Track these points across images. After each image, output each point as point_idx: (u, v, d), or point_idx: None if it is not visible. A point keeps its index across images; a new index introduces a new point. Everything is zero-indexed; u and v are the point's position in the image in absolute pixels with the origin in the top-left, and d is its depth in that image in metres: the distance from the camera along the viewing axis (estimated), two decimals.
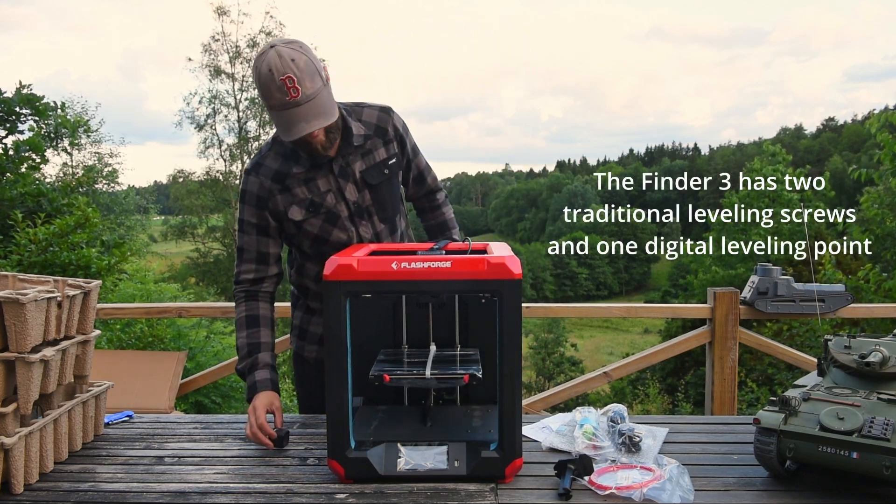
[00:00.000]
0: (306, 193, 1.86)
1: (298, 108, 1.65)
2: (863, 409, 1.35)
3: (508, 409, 1.42)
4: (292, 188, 1.86)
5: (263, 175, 1.86)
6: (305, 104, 1.66)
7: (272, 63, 1.63)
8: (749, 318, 3.56)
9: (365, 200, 1.90)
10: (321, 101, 1.68)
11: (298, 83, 1.63)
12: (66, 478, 1.50)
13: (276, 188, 1.85)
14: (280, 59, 1.63)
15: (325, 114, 1.70)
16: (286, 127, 1.68)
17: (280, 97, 1.64)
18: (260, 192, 1.86)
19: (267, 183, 1.86)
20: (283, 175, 1.86)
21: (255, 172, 1.87)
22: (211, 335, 7.33)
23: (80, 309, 1.66)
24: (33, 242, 5.67)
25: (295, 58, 1.65)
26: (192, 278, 25.74)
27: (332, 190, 1.87)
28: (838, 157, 51.59)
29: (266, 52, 1.66)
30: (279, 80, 1.62)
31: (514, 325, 1.40)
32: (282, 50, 1.65)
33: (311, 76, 1.66)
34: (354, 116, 1.90)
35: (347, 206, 1.88)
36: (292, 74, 1.63)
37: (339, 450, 1.43)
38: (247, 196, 1.88)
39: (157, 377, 3.81)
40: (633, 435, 1.59)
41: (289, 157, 1.86)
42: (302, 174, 1.85)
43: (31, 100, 7.52)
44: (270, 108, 1.70)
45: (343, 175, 1.87)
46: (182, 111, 27.36)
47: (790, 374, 10.65)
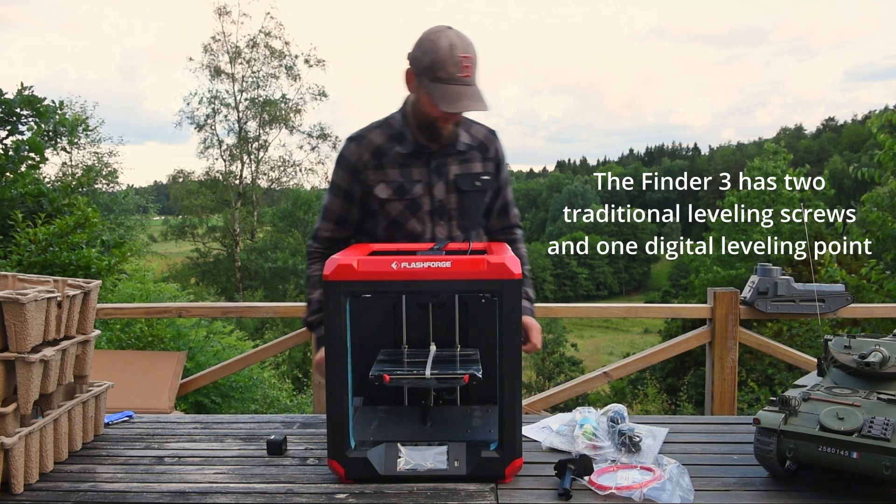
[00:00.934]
0: (398, 176, 1.93)
1: (467, 87, 1.77)
2: (863, 409, 1.35)
3: (508, 409, 1.42)
4: (386, 167, 1.93)
5: (364, 147, 1.94)
6: (472, 87, 1.79)
7: (453, 40, 1.77)
8: (749, 318, 3.56)
9: (450, 202, 1.95)
10: (480, 91, 1.81)
11: (472, 66, 1.78)
12: (66, 478, 1.50)
13: (371, 162, 1.93)
14: (461, 39, 1.78)
15: (484, 102, 1.80)
16: (451, 99, 1.77)
17: (454, 71, 1.75)
18: (356, 162, 1.94)
19: (365, 155, 1.93)
20: (381, 153, 1.93)
21: (357, 142, 1.95)
22: (211, 335, 7.33)
23: (80, 309, 1.66)
24: (33, 242, 5.67)
25: (470, 44, 1.80)
26: (193, 278, 25.74)
27: (423, 182, 1.93)
28: (838, 157, 51.58)
29: (443, 30, 1.79)
30: (458, 56, 1.75)
31: (514, 325, 1.40)
32: (461, 33, 1.80)
33: (476, 67, 1.80)
34: (464, 126, 1.98)
35: (432, 202, 1.94)
36: (471, 56, 1.78)
37: (339, 450, 1.43)
38: (343, 161, 1.96)
39: (157, 377, 3.81)
40: (634, 435, 1.59)
41: (392, 139, 1.93)
42: (399, 157, 1.92)
43: (32, 101, 7.52)
44: (436, 80, 1.77)
45: (437, 172, 1.94)
46: (182, 111, 27.35)
47: (790, 373, 10.65)
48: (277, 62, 26.43)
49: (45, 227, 5.85)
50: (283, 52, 26.33)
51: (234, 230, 26.37)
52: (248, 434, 1.78)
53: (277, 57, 26.34)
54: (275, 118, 26.65)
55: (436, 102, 1.79)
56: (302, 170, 27.77)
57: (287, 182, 28.04)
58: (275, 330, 17.24)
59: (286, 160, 27.60)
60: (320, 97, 26.98)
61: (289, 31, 55.14)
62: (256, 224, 27.65)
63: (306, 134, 27.39)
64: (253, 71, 26.44)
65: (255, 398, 7.38)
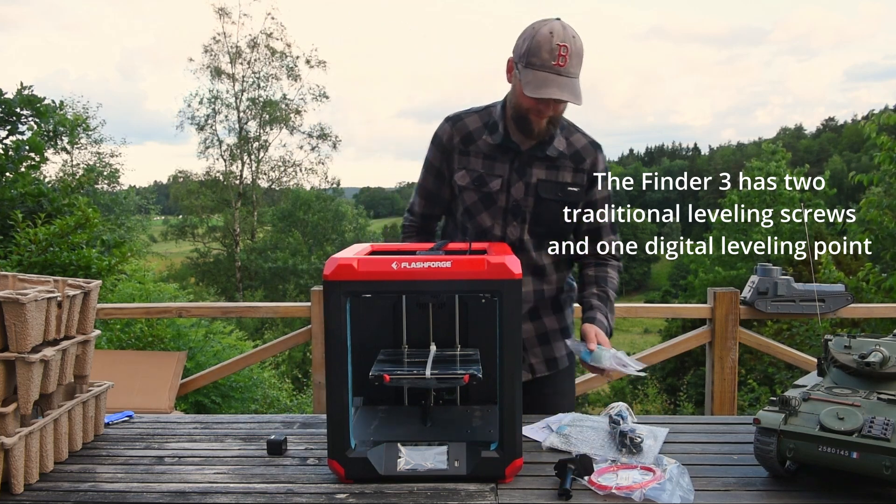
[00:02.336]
0: (480, 167, 1.91)
1: (558, 76, 1.72)
2: (863, 409, 1.35)
3: (508, 409, 1.42)
4: (471, 154, 1.91)
5: (456, 129, 1.94)
6: (565, 77, 1.72)
7: (555, 29, 1.73)
8: (749, 318, 3.56)
9: (527, 205, 1.91)
10: (575, 84, 1.75)
11: (569, 56, 1.71)
12: (66, 478, 1.50)
13: (459, 146, 1.93)
14: (564, 30, 1.73)
15: (576, 95, 1.75)
16: (538, 84, 1.72)
17: (547, 58, 1.71)
18: (447, 142, 1.95)
19: (456, 138, 1.93)
20: (471, 139, 1.92)
21: (452, 123, 1.96)
22: (210, 335, 7.33)
23: (80, 309, 1.66)
24: (33, 242, 5.67)
25: (575, 36, 1.75)
26: (192, 278, 25.74)
27: (503, 177, 1.89)
28: (838, 157, 51.57)
29: (549, 20, 1.76)
30: (555, 44, 1.70)
31: (514, 325, 1.40)
32: (567, 25, 1.75)
33: (578, 59, 1.75)
34: (565, 133, 1.94)
35: (507, 200, 1.90)
36: (569, 46, 1.72)
37: (339, 450, 1.43)
38: (436, 139, 1.97)
39: (157, 377, 3.81)
40: (635, 436, 1.59)
41: (486, 126, 1.92)
42: (486, 147, 1.90)
43: (31, 101, 7.53)
44: (529, 66, 1.73)
45: (519, 172, 1.90)
46: (182, 112, 27.34)
47: (790, 373, 10.65)
48: (278, 62, 26.45)
49: (45, 228, 5.85)
50: (284, 53, 26.35)
51: (234, 230, 26.38)
52: (248, 434, 1.78)
53: (278, 57, 26.36)
54: (275, 118, 26.66)
55: (523, 87, 1.75)
56: (302, 170, 27.80)
57: (287, 182, 28.07)
58: (275, 330, 17.25)
59: (286, 160, 27.62)
60: (321, 98, 27.00)
61: (290, 32, 55.14)
62: (256, 224, 27.66)
63: (306, 134, 27.41)
64: (254, 71, 26.46)
65: (255, 398, 7.38)
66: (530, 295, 2.00)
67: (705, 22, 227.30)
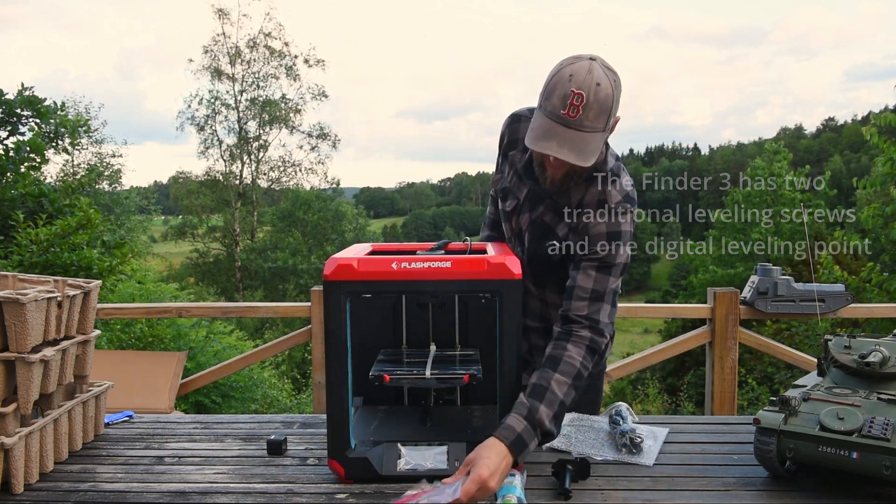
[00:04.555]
0: (509, 182, 1.81)
1: (565, 128, 1.48)
2: (863, 409, 1.35)
3: (508, 409, 1.41)
4: (510, 159, 1.82)
5: (510, 130, 1.82)
6: (574, 130, 1.48)
7: (576, 71, 1.48)
8: (749, 318, 3.56)
9: (524, 239, 1.77)
10: (587, 141, 1.49)
11: (584, 107, 1.47)
12: (66, 478, 1.50)
13: (505, 148, 1.84)
14: (588, 74, 1.48)
15: (579, 153, 1.49)
16: (536, 134, 1.52)
17: (557, 105, 1.48)
18: (500, 139, 1.86)
19: (506, 139, 1.83)
20: (515, 145, 1.79)
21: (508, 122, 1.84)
22: (211, 335, 7.32)
23: (80, 309, 1.66)
24: (34, 243, 5.67)
25: (601, 83, 1.48)
26: (192, 278, 25.74)
27: (518, 201, 1.78)
28: (838, 157, 51.56)
29: (583, 59, 1.51)
30: (569, 90, 1.46)
31: (514, 325, 1.40)
32: (597, 69, 1.49)
33: (599, 111, 1.49)
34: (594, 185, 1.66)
35: (515, 225, 1.80)
36: (585, 95, 1.46)
37: (339, 450, 1.43)
38: (501, 136, 1.87)
39: (157, 377, 3.81)
40: (635, 436, 1.59)
41: None
42: (520, 162, 1.76)
43: (32, 102, 7.53)
44: (540, 108, 1.53)
45: (530, 204, 1.74)
46: (182, 112, 27.33)
47: (789, 373, 10.64)
48: (277, 62, 26.45)
49: (46, 228, 5.84)
50: (283, 53, 26.35)
51: (234, 230, 26.37)
52: (248, 434, 1.78)
53: (277, 57, 26.36)
54: (275, 118, 26.66)
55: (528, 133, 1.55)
56: (302, 170, 27.79)
57: (287, 182, 28.06)
58: (275, 330, 17.24)
59: (286, 160, 27.62)
60: (320, 97, 27.01)
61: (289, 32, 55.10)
62: (256, 224, 27.66)
63: (306, 134, 27.41)
64: (253, 71, 26.46)
65: (255, 398, 7.38)
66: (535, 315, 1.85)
67: (705, 22, 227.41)
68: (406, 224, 68.48)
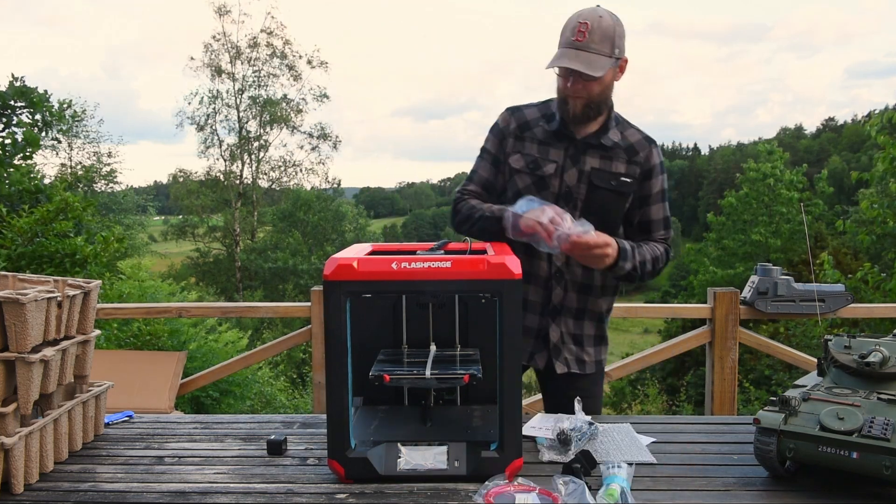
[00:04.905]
0: (535, 152, 1.97)
1: (576, 50, 1.79)
2: (863, 409, 1.35)
3: (508, 409, 1.42)
4: (526, 140, 1.99)
5: (515, 117, 2.02)
6: (583, 51, 1.79)
7: (583, 10, 1.83)
8: (749, 318, 3.56)
9: (579, 192, 1.95)
10: (594, 59, 1.79)
11: (590, 32, 1.78)
12: (66, 478, 1.50)
13: (515, 132, 2.00)
14: (592, 11, 1.82)
15: (590, 65, 1.79)
16: (554, 58, 1.82)
17: (569, 35, 1.81)
18: (504, 128, 2.02)
19: (513, 124, 2.01)
20: (527, 126, 2.00)
21: (511, 111, 2.04)
22: (207, 334, 7.33)
23: (80, 309, 1.66)
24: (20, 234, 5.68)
25: (603, 16, 1.81)
26: (193, 278, 25.74)
27: (558, 163, 1.95)
28: (838, 158, 51.57)
29: (587, 7, 1.85)
30: (577, 21, 1.80)
31: (514, 325, 1.40)
32: (601, 9, 1.84)
33: (603, 36, 1.80)
34: (619, 127, 1.99)
35: (560, 185, 1.94)
36: (590, 23, 1.79)
37: (339, 450, 1.43)
38: (494, 127, 2.05)
39: (157, 377, 3.81)
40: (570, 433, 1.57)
41: (544, 117, 2.00)
42: (542, 134, 1.97)
43: (25, 92, 7.48)
44: (558, 45, 1.84)
45: (574, 160, 1.95)
46: (182, 111, 27.33)
47: (787, 374, 10.65)
48: (279, 61, 26.44)
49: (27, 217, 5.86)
50: (285, 52, 26.34)
51: (234, 230, 26.37)
52: (248, 434, 1.78)
53: (279, 56, 26.35)
54: (275, 118, 26.65)
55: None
56: (302, 170, 27.79)
57: (287, 182, 28.06)
58: (274, 330, 17.25)
59: (287, 160, 27.61)
60: (322, 98, 27.00)
61: (290, 31, 55.09)
62: (256, 224, 27.66)
63: (307, 134, 27.40)
64: (254, 70, 26.45)
65: (251, 396, 7.40)
66: (575, 285, 2.00)
67: (705, 18, 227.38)
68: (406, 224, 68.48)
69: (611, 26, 1.81)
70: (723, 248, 23.99)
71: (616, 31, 1.82)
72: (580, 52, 1.79)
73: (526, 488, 1.34)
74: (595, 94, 1.86)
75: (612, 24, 1.81)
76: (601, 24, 1.79)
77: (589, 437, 1.62)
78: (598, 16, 1.80)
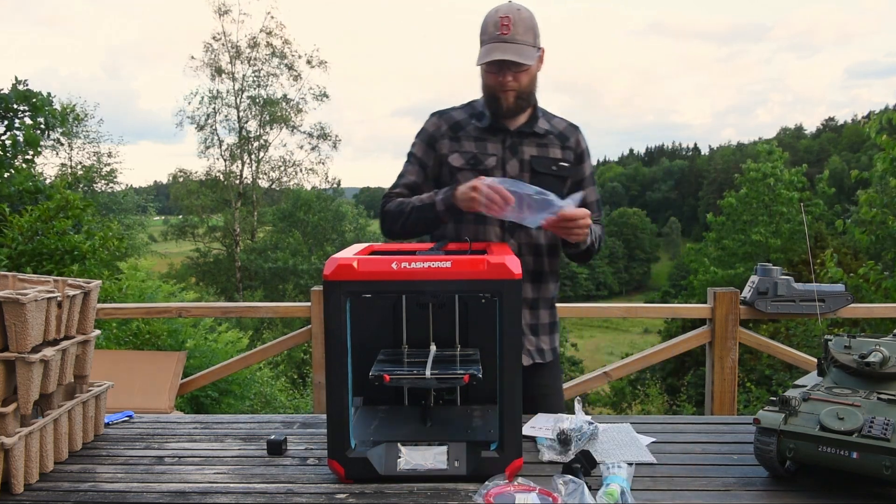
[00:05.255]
0: (473, 148, 2.00)
1: (503, 43, 1.85)
2: (863, 409, 1.35)
3: (508, 409, 1.42)
4: (462, 140, 2.01)
5: (444, 119, 2.05)
6: (510, 43, 1.85)
7: (501, 5, 1.90)
8: (749, 318, 3.56)
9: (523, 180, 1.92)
10: (522, 49, 1.86)
11: (513, 25, 1.85)
12: (66, 478, 1.50)
13: (448, 133, 2.03)
14: (509, 4, 1.90)
15: (522, 55, 1.85)
16: (484, 54, 1.87)
17: (493, 31, 1.87)
18: (434, 132, 2.04)
19: (443, 126, 2.04)
20: (459, 127, 2.03)
21: (438, 115, 2.07)
22: (210, 334, 7.33)
23: (80, 309, 1.66)
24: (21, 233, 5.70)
25: (521, 9, 1.89)
26: (193, 278, 25.74)
27: (497, 155, 1.99)
28: (838, 158, 51.57)
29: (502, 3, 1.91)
30: (498, 17, 1.86)
31: (514, 325, 1.40)
32: (515, 3, 1.91)
33: (525, 27, 1.87)
34: (545, 117, 2.07)
35: (504, 176, 1.96)
36: (511, 17, 1.86)
37: (339, 450, 1.43)
38: (422, 133, 2.07)
39: (157, 377, 3.81)
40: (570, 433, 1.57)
41: (472, 116, 2.04)
42: (476, 132, 2.01)
43: (27, 96, 7.50)
44: (481, 44, 1.89)
45: (512, 150, 1.99)
46: (182, 111, 27.32)
47: (787, 374, 10.65)
48: (278, 61, 26.43)
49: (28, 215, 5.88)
50: (284, 52, 26.33)
51: (234, 230, 26.36)
52: (248, 434, 1.78)
53: (278, 56, 26.35)
54: (275, 118, 26.65)
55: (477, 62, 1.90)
56: (302, 170, 27.78)
57: (287, 182, 28.06)
58: (274, 330, 17.25)
59: (286, 160, 27.61)
60: (322, 98, 26.99)
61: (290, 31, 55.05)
62: (256, 224, 27.66)
63: (307, 134, 27.39)
64: (254, 70, 26.45)
65: (251, 396, 7.40)
66: (528, 274, 2.02)
67: (705, 18, 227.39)
68: None
69: (530, 17, 1.88)
70: (723, 248, 24.01)
71: (535, 22, 1.90)
72: (508, 44, 1.85)
73: (526, 488, 1.34)
74: (525, 84, 1.93)
75: (531, 16, 1.89)
76: (521, 16, 1.87)
77: (589, 437, 1.62)
78: (517, 9, 1.88)
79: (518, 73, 1.89)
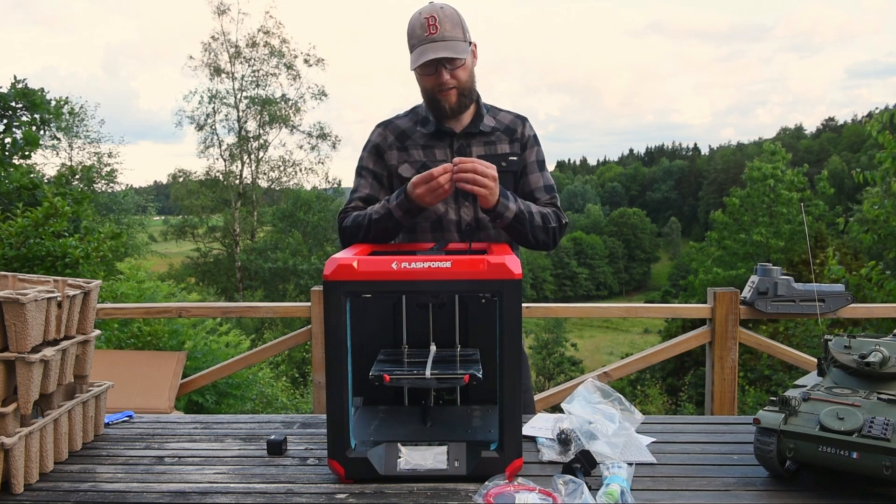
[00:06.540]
0: (421, 156, 2.00)
1: (433, 42, 1.85)
2: (863, 409, 1.35)
3: (508, 409, 1.42)
4: (410, 149, 2.01)
5: (389, 130, 2.05)
6: (440, 41, 1.84)
7: (424, 7, 1.89)
8: (749, 318, 3.56)
9: None
10: (453, 44, 1.85)
11: (439, 23, 1.85)
12: (66, 478, 1.50)
13: (395, 143, 2.02)
14: (431, 5, 1.89)
15: (455, 50, 1.85)
16: (416, 56, 1.86)
17: (420, 33, 1.86)
18: (380, 143, 2.04)
19: (390, 137, 2.04)
20: (405, 135, 2.03)
21: (384, 126, 2.07)
22: (207, 335, 7.33)
23: (80, 309, 1.66)
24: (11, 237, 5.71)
25: (444, 7, 1.89)
26: (192, 278, 25.75)
27: (446, 160, 1.96)
28: (838, 158, 51.57)
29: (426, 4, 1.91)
30: (423, 18, 1.86)
31: (514, 325, 1.40)
32: (438, 2, 1.91)
33: (452, 23, 1.87)
34: (491, 113, 2.07)
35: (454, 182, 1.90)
36: (436, 15, 1.85)
37: (339, 450, 1.43)
38: (369, 144, 2.07)
39: (157, 377, 3.81)
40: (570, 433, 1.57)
41: (417, 123, 2.04)
42: (423, 139, 2.00)
43: (26, 94, 7.52)
44: (411, 49, 1.89)
45: (460, 153, 1.98)
46: (182, 111, 27.32)
47: (787, 374, 10.65)
48: (277, 60, 26.43)
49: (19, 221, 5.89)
50: (282, 51, 26.34)
51: (234, 230, 26.37)
52: (248, 434, 1.78)
53: (277, 55, 26.35)
54: (274, 117, 26.65)
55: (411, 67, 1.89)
56: (302, 170, 27.79)
57: (287, 182, 28.07)
58: (274, 330, 17.25)
59: (286, 160, 27.61)
60: (320, 96, 27.00)
61: (288, 30, 54.99)
62: (256, 224, 27.66)
63: (306, 133, 27.40)
64: (253, 70, 26.45)
65: (251, 397, 7.39)
66: None
67: (705, 18, 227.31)
68: None
69: (455, 13, 1.88)
70: (724, 249, 24.02)
71: (461, 17, 1.90)
72: (438, 43, 1.84)
73: (526, 488, 1.34)
74: (464, 81, 1.93)
75: (455, 12, 1.89)
76: (445, 13, 1.87)
77: (589, 437, 1.62)
78: (440, 7, 1.88)
79: (454, 69, 1.89)
